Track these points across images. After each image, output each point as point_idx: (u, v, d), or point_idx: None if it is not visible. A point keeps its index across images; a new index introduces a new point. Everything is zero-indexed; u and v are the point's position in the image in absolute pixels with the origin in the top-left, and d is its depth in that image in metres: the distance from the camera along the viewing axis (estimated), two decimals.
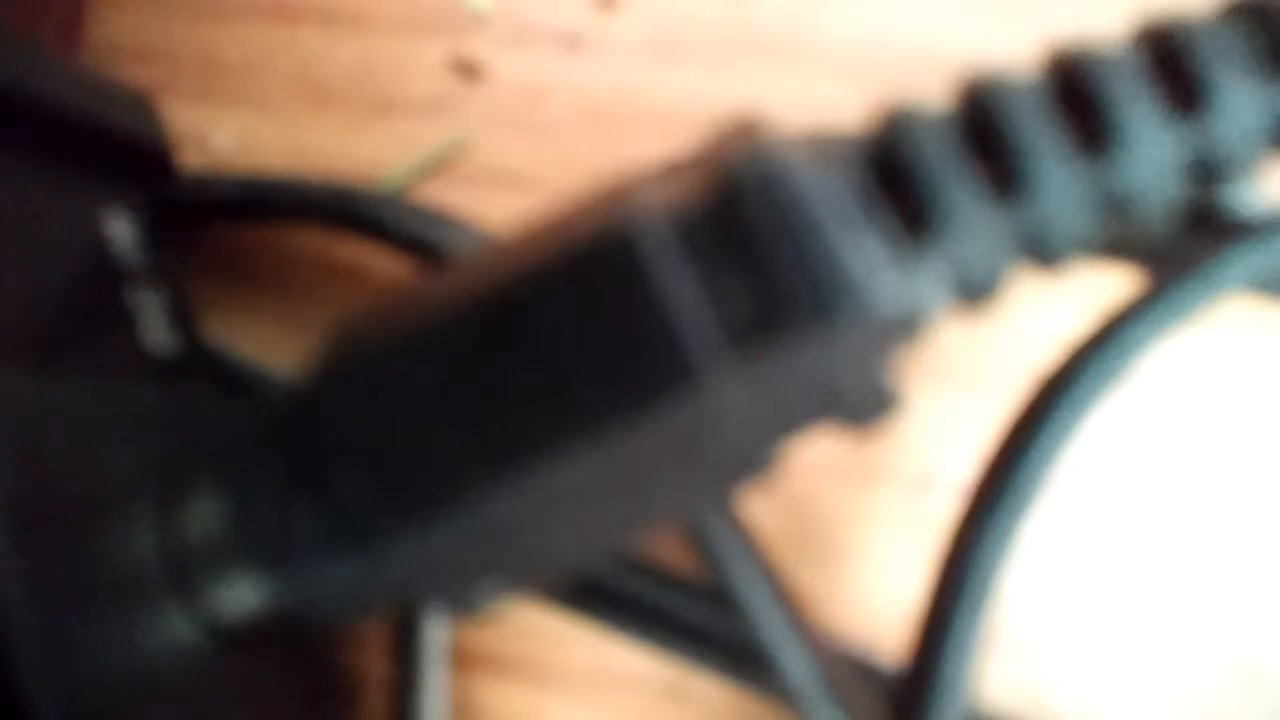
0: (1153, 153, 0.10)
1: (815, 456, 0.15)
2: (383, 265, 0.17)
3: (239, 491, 0.11)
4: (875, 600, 0.15)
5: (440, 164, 0.17)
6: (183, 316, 0.15)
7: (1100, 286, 0.12)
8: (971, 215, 0.10)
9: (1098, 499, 0.15)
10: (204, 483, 0.11)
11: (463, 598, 0.12)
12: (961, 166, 0.10)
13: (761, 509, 0.15)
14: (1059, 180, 0.10)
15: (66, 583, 0.10)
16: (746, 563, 0.12)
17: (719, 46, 0.17)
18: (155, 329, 0.14)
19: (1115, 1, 0.13)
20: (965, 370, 0.15)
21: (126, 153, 0.15)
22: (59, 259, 0.13)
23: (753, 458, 0.11)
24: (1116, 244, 0.12)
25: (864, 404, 0.11)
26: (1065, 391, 0.11)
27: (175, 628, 0.11)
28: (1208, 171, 0.11)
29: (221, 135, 0.18)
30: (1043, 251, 0.11)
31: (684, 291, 0.10)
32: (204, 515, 0.11)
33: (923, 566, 0.12)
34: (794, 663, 0.12)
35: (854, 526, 0.15)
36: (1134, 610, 0.15)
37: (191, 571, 0.11)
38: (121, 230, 0.14)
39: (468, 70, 0.17)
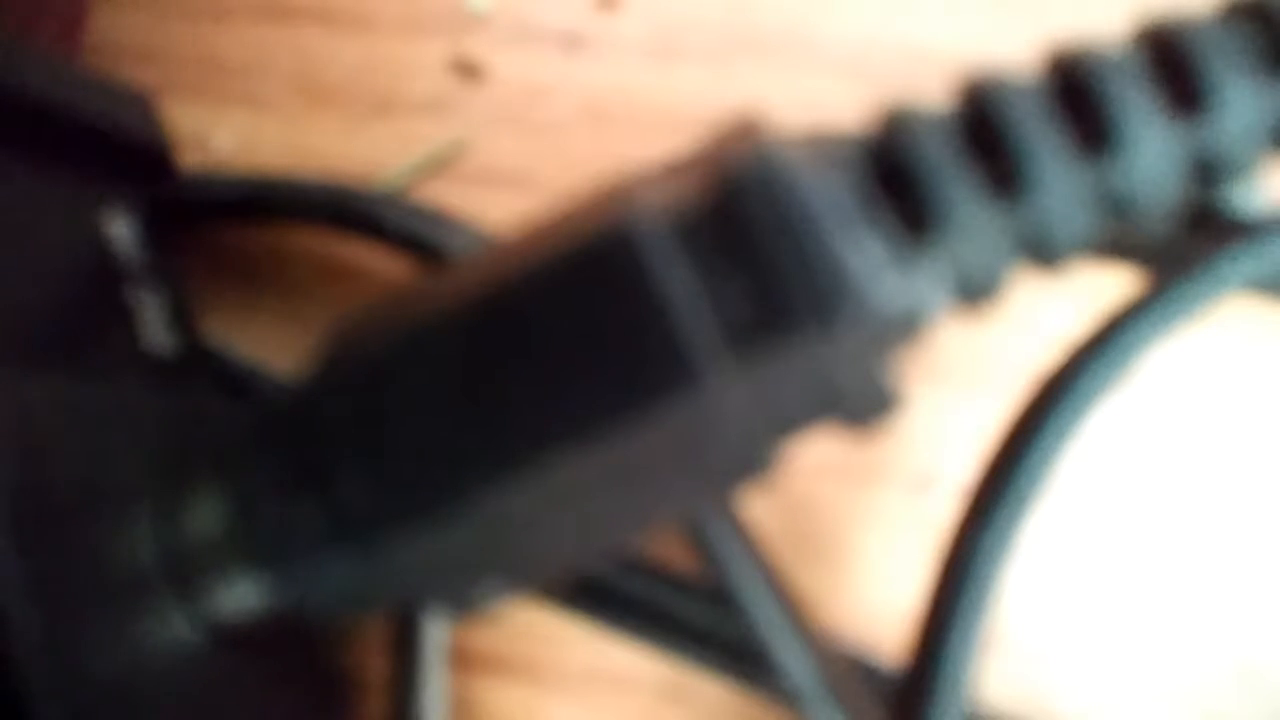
0: (1153, 153, 0.10)
1: (815, 456, 0.15)
2: (383, 265, 0.17)
3: (239, 491, 0.11)
4: (875, 600, 0.15)
5: (440, 164, 0.17)
6: (183, 316, 0.15)
7: (1100, 286, 0.12)
8: (971, 215, 0.10)
9: (1098, 500, 0.15)
10: (204, 483, 0.11)
11: (463, 598, 0.12)
12: (961, 166, 0.10)
13: (761, 509, 0.15)
14: (1059, 180, 0.10)
15: (66, 583, 0.10)
16: (746, 563, 0.12)
17: (719, 46, 0.17)
18: (155, 329, 0.14)
19: (1115, 1, 0.13)
20: (965, 370, 0.15)
21: (126, 153, 0.15)
22: (59, 259, 0.13)
23: (753, 458, 0.11)
24: (1116, 244, 0.12)
25: (864, 404, 0.11)
26: (1065, 391, 0.11)
27: (175, 628, 0.11)
28: (1208, 171, 0.11)
29: (221, 135, 0.18)
30: (1043, 251, 0.11)
31: (684, 292, 0.10)
32: (204, 515, 0.11)
33: (923, 566, 0.12)
34: (794, 663, 0.12)
35: (854, 526, 0.15)
36: (1134, 610, 0.15)
37: (191, 571, 0.11)
38: (121, 230, 0.14)
39: (468, 70, 0.17)
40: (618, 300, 0.10)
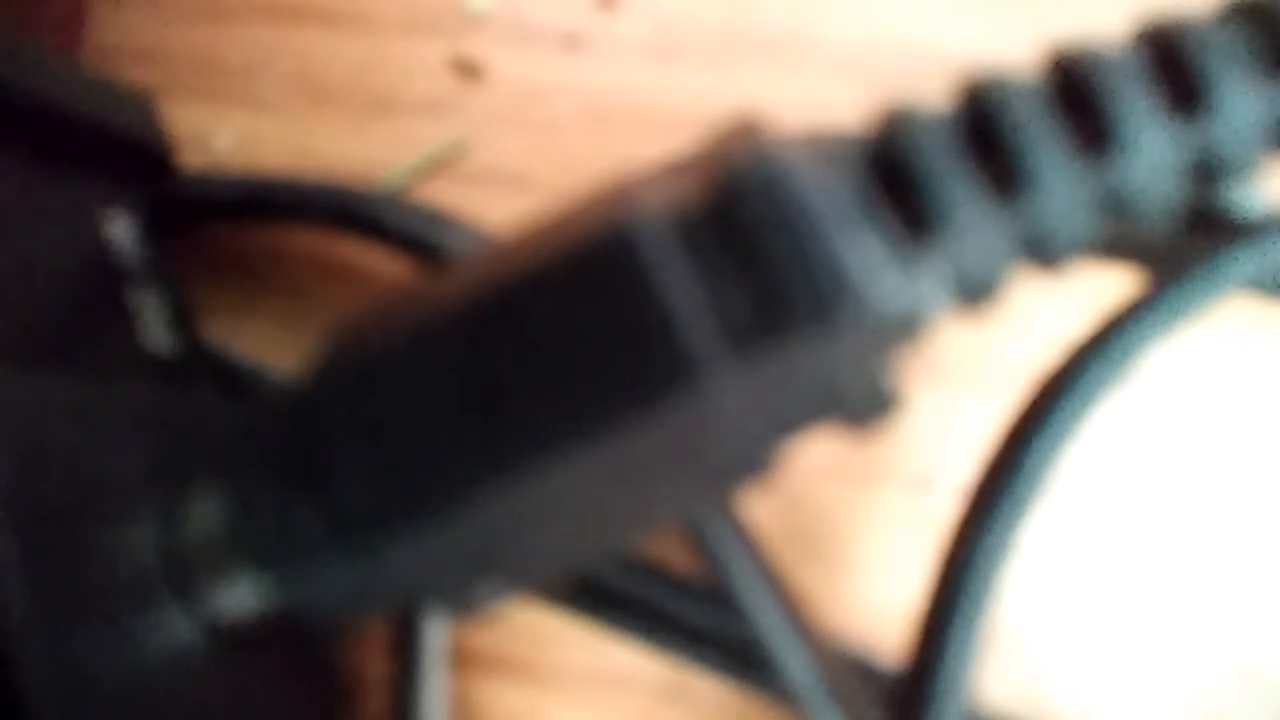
0: (1153, 153, 0.10)
1: (815, 456, 0.15)
2: (383, 265, 0.17)
3: (239, 492, 0.11)
4: (875, 600, 0.15)
5: (440, 164, 0.17)
6: (183, 316, 0.15)
7: (1100, 286, 0.12)
8: (971, 215, 0.10)
9: (1098, 500, 0.15)
10: (204, 483, 0.11)
11: (463, 598, 0.12)
12: (961, 166, 0.10)
13: (761, 509, 0.15)
14: (1059, 180, 0.10)
15: (66, 583, 0.10)
16: (746, 563, 0.12)
17: (719, 46, 0.17)
18: (155, 329, 0.14)
19: (1115, 1, 0.13)
20: (965, 370, 0.15)
21: (126, 153, 0.15)
22: (59, 259, 0.13)
23: (753, 458, 0.11)
24: (1116, 244, 0.12)
25: (864, 404, 0.11)
26: (1065, 392, 0.11)
27: (175, 628, 0.11)
28: (1208, 171, 0.11)
29: (222, 135, 0.18)
30: (1043, 252, 0.11)
31: (684, 292, 0.10)
32: (204, 516, 0.11)
33: (923, 566, 0.12)
34: (794, 663, 0.12)
35: (854, 526, 0.15)
36: (1134, 610, 0.15)
37: (191, 572, 0.11)
38: (121, 230, 0.14)
39: (468, 70, 0.17)
40: (618, 300, 0.10)
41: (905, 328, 0.11)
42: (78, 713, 0.10)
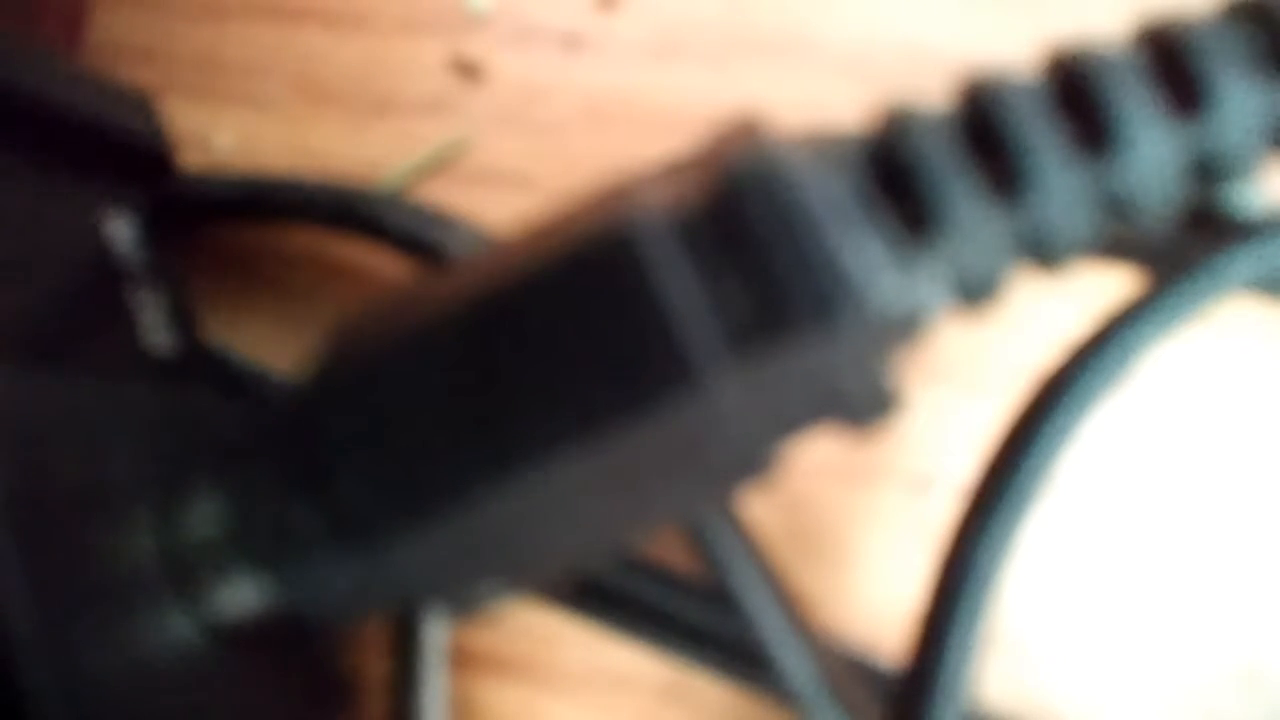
0: (1153, 153, 0.10)
1: (815, 456, 0.15)
2: (383, 265, 0.17)
3: (239, 492, 0.11)
4: (875, 600, 0.15)
5: (440, 164, 0.17)
6: (183, 316, 0.15)
7: (1100, 286, 0.12)
8: (971, 215, 0.10)
9: (1098, 500, 0.15)
10: (204, 483, 0.11)
11: (463, 598, 0.12)
12: (961, 166, 0.10)
13: (761, 509, 0.15)
14: (1059, 180, 0.10)
15: (66, 583, 0.10)
16: (746, 563, 0.12)
17: (719, 46, 0.17)
18: (155, 329, 0.14)
19: (1115, 1, 0.13)
20: (965, 370, 0.15)
21: (126, 153, 0.15)
22: (59, 259, 0.13)
23: (753, 458, 0.11)
24: (1116, 244, 0.12)
25: (864, 404, 0.11)
26: (1065, 392, 0.11)
27: (175, 628, 0.11)
28: (1208, 171, 0.11)
29: (222, 135, 0.18)
30: (1043, 252, 0.11)
31: (684, 292, 0.10)
32: (204, 515, 0.11)
33: (923, 566, 0.12)
34: (794, 663, 0.12)
35: (854, 526, 0.15)
36: (1134, 611, 0.15)
37: (192, 572, 0.11)
38: (121, 230, 0.14)
39: (468, 70, 0.17)
40: (618, 301, 0.10)
41: (905, 328, 0.11)
42: (78, 713, 0.10)
